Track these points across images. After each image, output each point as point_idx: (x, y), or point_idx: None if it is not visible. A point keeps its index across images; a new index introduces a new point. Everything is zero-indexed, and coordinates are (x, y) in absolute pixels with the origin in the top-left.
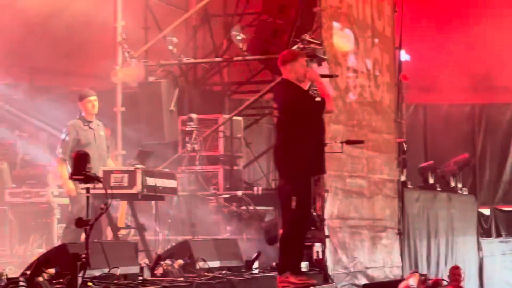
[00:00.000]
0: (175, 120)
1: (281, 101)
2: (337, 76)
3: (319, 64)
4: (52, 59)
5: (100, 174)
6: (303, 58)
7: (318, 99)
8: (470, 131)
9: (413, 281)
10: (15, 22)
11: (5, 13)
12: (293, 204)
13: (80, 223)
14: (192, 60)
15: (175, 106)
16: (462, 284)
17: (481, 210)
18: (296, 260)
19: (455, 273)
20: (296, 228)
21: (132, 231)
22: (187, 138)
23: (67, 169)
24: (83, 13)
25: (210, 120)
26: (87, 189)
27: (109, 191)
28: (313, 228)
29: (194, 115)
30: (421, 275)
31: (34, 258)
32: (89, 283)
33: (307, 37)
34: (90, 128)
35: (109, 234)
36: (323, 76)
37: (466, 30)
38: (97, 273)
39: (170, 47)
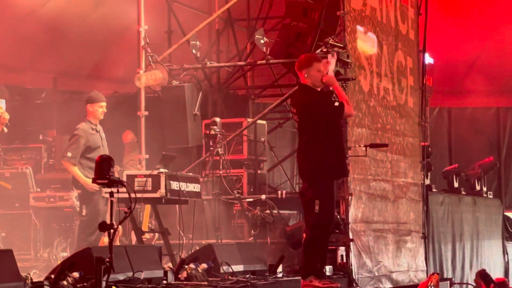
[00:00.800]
0: (199, 124)
1: (299, 106)
2: (354, 79)
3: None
4: (75, 64)
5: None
6: (318, 63)
7: (336, 103)
8: (495, 134)
9: (432, 283)
10: (39, 27)
11: (29, 18)
12: (316, 207)
13: (103, 227)
14: (215, 64)
15: (199, 110)
16: None
17: (507, 213)
18: (320, 264)
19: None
20: (320, 232)
21: (157, 235)
22: (211, 142)
23: (79, 171)
24: (106, 18)
25: (234, 124)
26: (111, 193)
27: (135, 195)
28: (337, 231)
29: (217, 119)
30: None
31: (59, 262)
32: (113, 287)
33: (330, 40)
34: (96, 131)
35: (133, 238)
36: (341, 79)
37: (491, 33)
38: (121, 277)
39: (194, 51)
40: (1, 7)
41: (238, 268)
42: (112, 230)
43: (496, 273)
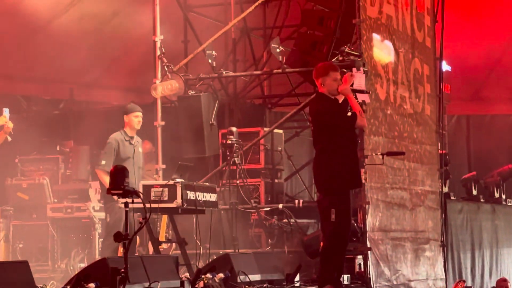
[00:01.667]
0: (216, 134)
1: (313, 114)
2: (368, 92)
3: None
4: (92, 74)
5: (140, 189)
6: (335, 72)
7: (349, 113)
8: None
9: None
10: (55, 39)
11: (45, 30)
12: (333, 216)
13: (118, 237)
14: (231, 74)
15: (215, 119)
16: None
17: None
18: (337, 273)
19: (503, 286)
20: (336, 241)
21: (174, 245)
22: (227, 152)
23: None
24: (123, 28)
25: (251, 133)
26: (126, 203)
27: (150, 205)
28: (354, 239)
29: (234, 129)
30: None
31: (76, 272)
32: None
33: (346, 49)
34: (130, 143)
35: (150, 249)
36: (356, 91)
37: (508, 40)
38: (138, 287)
39: (210, 61)
40: (19, 20)
41: (255, 277)
42: (127, 241)
43: None
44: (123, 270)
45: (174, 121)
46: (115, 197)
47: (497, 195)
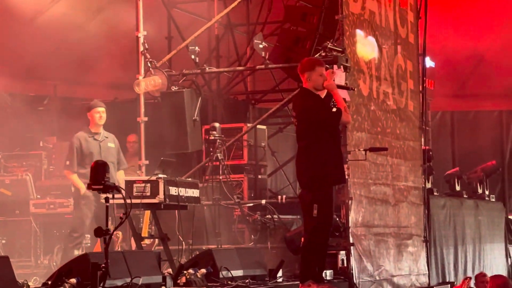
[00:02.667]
0: (199, 130)
1: (299, 110)
2: (353, 89)
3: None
4: (75, 70)
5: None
6: (321, 67)
7: (334, 109)
8: (498, 137)
9: (466, 287)
10: (39, 35)
11: (29, 25)
12: (315, 212)
13: (99, 232)
14: (214, 70)
15: (198, 115)
16: None
17: (511, 217)
18: (318, 268)
19: (483, 280)
20: (318, 236)
21: (157, 240)
22: (210, 148)
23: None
24: (106, 24)
25: (234, 129)
26: (106, 199)
27: (131, 200)
28: (337, 234)
29: (217, 124)
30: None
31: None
32: None
33: (329, 44)
34: (95, 139)
35: (133, 244)
36: (340, 87)
37: (493, 36)
38: (119, 282)
39: (193, 57)
40: (2, 14)
41: (238, 273)
42: (107, 236)
43: None
44: (103, 265)
45: (157, 117)
46: (82, 191)
47: (480, 191)
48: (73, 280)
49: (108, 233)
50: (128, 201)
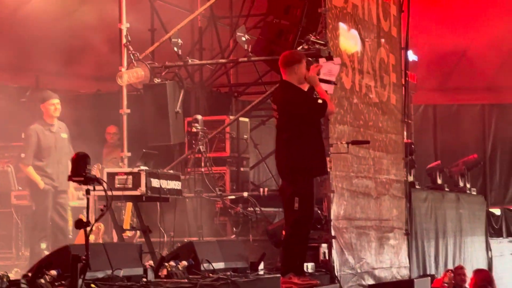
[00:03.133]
0: (181, 122)
1: (282, 103)
2: (335, 84)
3: (329, 59)
4: (58, 62)
5: (65, 178)
6: (304, 60)
7: (320, 101)
8: (480, 131)
9: (448, 279)
10: (21, 27)
11: (11, 17)
12: (296, 205)
13: (79, 224)
14: (197, 62)
15: (181, 107)
16: (466, 284)
17: (492, 210)
18: (299, 261)
19: (460, 273)
20: (299, 229)
21: (138, 233)
22: (193, 140)
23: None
24: (88, 16)
25: (217, 121)
26: (87, 191)
27: (113, 192)
28: (318, 226)
29: (199, 117)
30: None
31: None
32: (92, 285)
33: (311, 37)
34: (51, 131)
35: (115, 236)
36: (322, 81)
37: (476, 31)
38: (100, 275)
39: (175, 49)
40: None
41: (219, 265)
42: (88, 228)
43: None
44: (84, 257)
45: (139, 109)
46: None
47: (461, 184)
48: (54, 272)
49: (88, 225)
50: (109, 193)
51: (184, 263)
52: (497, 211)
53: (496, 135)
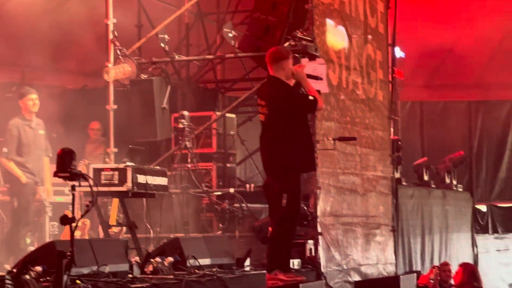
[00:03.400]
0: (168, 118)
1: (272, 99)
2: (321, 79)
3: (311, 59)
4: (44, 57)
5: (44, 175)
6: (292, 56)
7: (311, 97)
8: (467, 128)
9: (434, 276)
10: (6, 21)
11: None
12: (284, 201)
13: (64, 220)
14: (184, 58)
15: (167, 103)
16: (451, 280)
17: (478, 206)
18: (285, 258)
19: (445, 270)
20: (286, 226)
21: (125, 228)
22: (179, 136)
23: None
24: (75, 11)
25: (203, 117)
26: (73, 186)
27: (98, 188)
28: (305, 222)
29: (185, 113)
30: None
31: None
32: (77, 281)
33: (298, 34)
34: (30, 127)
35: (101, 232)
36: (309, 77)
37: (463, 27)
38: (85, 271)
39: (162, 45)
40: None
41: (205, 261)
42: (73, 224)
43: None
44: (69, 253)
45: (126, 104)
46: (23, 180)
47: (448, 180)
48: (39, 268)
49: (74, 221)
50: (95, 189)
51: (170, 259)
52: (483, 208)
53: (483, 132)
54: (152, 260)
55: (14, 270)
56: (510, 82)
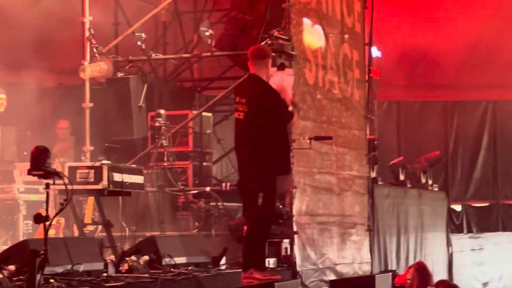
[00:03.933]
0: (144, 116)
1: (253, 96)
2: (283, 69)
3: (280, 69)
4: (19, 55)
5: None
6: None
7: (290, 108)
8: (443, 128)
9: (410, 275)
10: None
11: None
12: (260, 200)
13: (38, 218)
14: (161, 56)
15: (144, 102)
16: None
17: (453, 206)
18: (261, 256)
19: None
20: (262, 225)
21: (100, 227)
22: (156, 134)
23: None
24: (52, 8)
25: (180, 116)
26: (47, 185)
27: (73, 186)
28: (280, 221)
29: (162, 111)
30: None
31: None
32: (51, 280)
33: (275, 33)
34: None
35: (76, 231)
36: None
37: (439, 27)
38: (59, 269)
39: (139, 43)
40: None
41: (181, 260)
42: (47, 222)
43: (439, 265)
44: (43, 252)
45: (102, 103)
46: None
47: (423, 180)
48: (12, 267)
49: (47, 220)
50: (70, 187)
51: (146, 257)
52: (458, 208)
53: (458, 132)
54: (127, 258)
55: None
56: (486, 83)
